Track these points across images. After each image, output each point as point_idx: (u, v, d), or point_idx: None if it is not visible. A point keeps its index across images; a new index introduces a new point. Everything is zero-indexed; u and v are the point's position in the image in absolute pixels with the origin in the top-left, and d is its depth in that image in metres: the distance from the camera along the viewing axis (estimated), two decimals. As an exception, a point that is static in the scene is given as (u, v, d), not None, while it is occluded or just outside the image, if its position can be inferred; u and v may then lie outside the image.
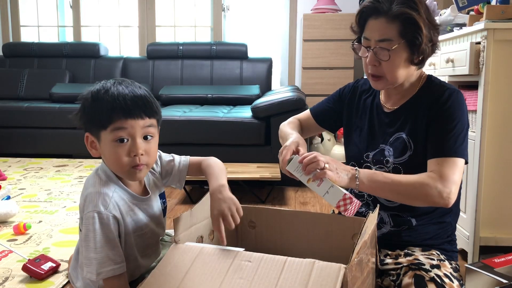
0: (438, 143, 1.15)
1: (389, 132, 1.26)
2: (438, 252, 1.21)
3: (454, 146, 1.14)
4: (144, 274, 1.21)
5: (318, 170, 1.11)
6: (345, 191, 1.11)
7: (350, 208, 1.11)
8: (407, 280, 1.11)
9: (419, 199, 1.14)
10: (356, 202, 1.11)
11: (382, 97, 1.32)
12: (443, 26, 2.11)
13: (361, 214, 1.28)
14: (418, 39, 1.13)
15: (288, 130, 1.39)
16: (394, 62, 1.16)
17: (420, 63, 1.20)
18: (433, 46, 1.18)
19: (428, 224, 1.24)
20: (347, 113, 1.39)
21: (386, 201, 1.25)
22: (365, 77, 1.34)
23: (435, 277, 1.09)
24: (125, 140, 1.05)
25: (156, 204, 1.21)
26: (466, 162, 1.17)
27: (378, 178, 1.15)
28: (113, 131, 1.04)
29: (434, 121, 1.18)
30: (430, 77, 1.27)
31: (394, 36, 1.14)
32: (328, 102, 1.45)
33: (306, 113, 1.49)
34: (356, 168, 1.16)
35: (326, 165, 1.12)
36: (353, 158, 1.32)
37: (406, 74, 1.20)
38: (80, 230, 1.11)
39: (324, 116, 1.45)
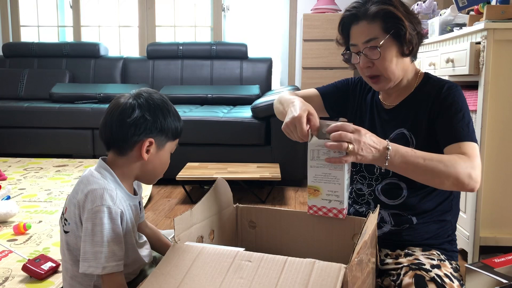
0: (452, 131, 1.15)
1: (389, 128, 1.26)
2: (439, 252, 1.21)
3: (469, 133, 1.14)
4: (146, 272, 1.21)
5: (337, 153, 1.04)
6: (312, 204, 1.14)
7: (312, 212, 1.15)
8: (407, 280, 1.11)
9: (448, 180, 1.07)
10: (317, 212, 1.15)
11: (380, 95, 1.33)
12: (444, 25, 2.11)
13: (361, 214, 1.28)
14: (402, 30, 1.15)
15: (291, 96, 1.28)
16: (386, 58, 1.18)
17: (411, 54, 1.21)
18: (419, 35, 1.20)
19: (428, 223, 1.24)
20: (350, 106, 1.39)
21: (387, 199, 1.25)
22: None
23: (436, 277, 1.09)
24: None
25: (138, 206, 1.22)
26: None
27: (410, 158, 1.08)
28: (175, 143, 1.20)
29: (440, 114, 1.18)
30: (427, 74, 1.28)
31: (379, 33, 1.17)
32: (336, 86, 1.42)
33: (311, 91, 1.42)
34: (388, 146, 1.06)
35: (350, 146, 1.02)
36: None
37: (402, 68, 1.22)
38: (65, 231, 1.10)
39: (331, 98, 1.40)
